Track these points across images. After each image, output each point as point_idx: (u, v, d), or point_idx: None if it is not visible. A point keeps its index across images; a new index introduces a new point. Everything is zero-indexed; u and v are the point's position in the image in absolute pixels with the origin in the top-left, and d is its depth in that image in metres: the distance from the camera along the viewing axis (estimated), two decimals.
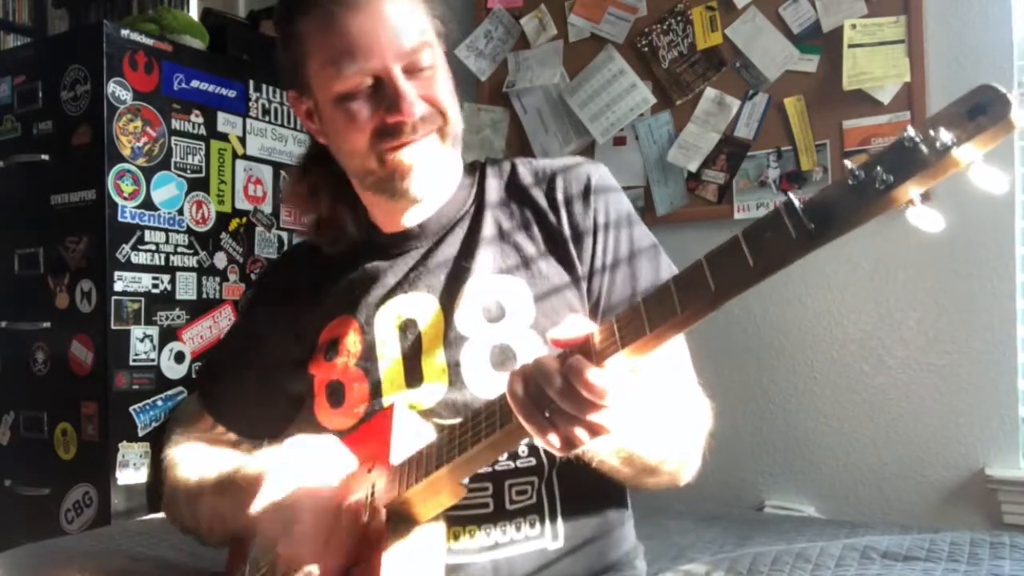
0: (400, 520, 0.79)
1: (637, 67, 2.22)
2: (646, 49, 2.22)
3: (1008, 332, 1.77)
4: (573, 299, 0.96)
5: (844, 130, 1.95)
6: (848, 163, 0.55)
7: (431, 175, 0.94)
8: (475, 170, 1.06)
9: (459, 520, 0.87)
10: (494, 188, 1.03)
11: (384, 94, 0.90)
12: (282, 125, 2.39)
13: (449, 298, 0.96)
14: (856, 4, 1.94)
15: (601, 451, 0.75)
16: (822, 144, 1.98)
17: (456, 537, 0.88)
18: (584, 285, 0.96)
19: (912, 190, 0.52)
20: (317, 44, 0.92)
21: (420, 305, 0.97)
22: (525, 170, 1.04)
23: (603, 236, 0.97)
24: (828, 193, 0.55)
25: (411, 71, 0.91)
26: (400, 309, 0.98)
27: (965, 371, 1.80)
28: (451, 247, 1.00)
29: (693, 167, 2.15)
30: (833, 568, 1.22)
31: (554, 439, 0.65)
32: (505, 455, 0.90)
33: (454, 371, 0.92)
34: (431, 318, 0.96)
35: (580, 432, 0.65)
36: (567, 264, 0.97)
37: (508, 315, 0.94)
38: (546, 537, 0.91)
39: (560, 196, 0.99)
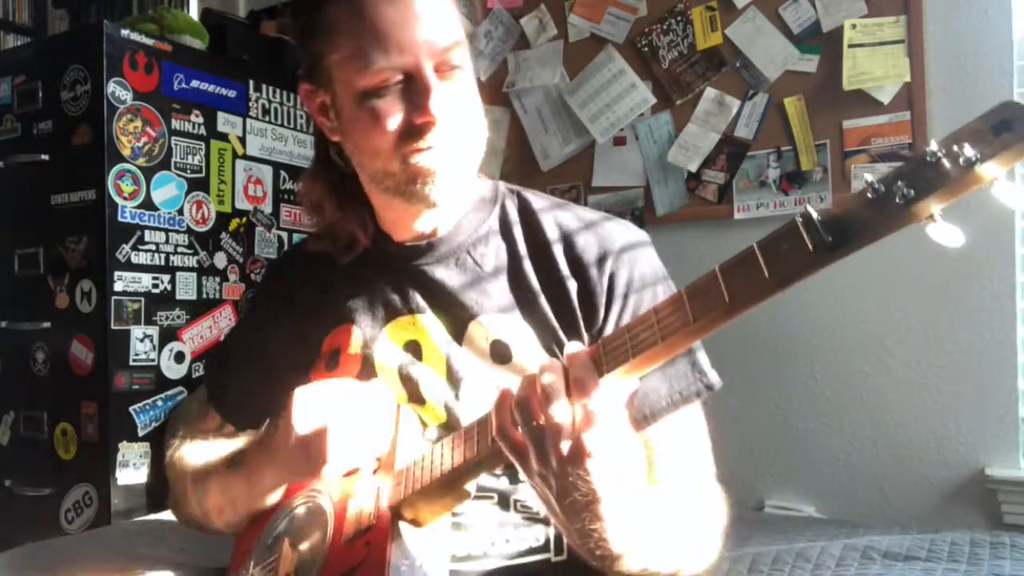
0: (404, 522, 0.79)
1: (637, 67, 2.22)
2: (646, 49, 2.22)
3: (1008, 332, 1.77)
4: None
5: (844, 130, 1.95)
6: (868, 176, 0.54)
7: (453, 181, 0.89)
8: (495, 195, 1.01)
9: (463, 527, 0.87)
10: (515, 229, 0.98)
11: (413, 92, 0.84)
12: (282, 125, 2.39)
13: (456, 329, 0.93)
14: (856, 4, 1.94)
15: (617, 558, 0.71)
16: (822, 144, 1.98)
17: (460, 544, 0.87)
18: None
19: (933, 205, 0.52)
20: (345, 34, 0.85)
21: (424, 331, 0.94)
22: (548, 220, 0.97)
23: (620, 303, 0.91)
24: (847, 206, 0.54)
25: (442, 70, 0.85)
26: (404, 331, 0.95)
27: (965, 371, 1.80)
28: (462, 277, 0.95)
29: (693, 167, 2.15)
30: (833, 568, 1.22)
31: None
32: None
33: (451, 407, 0.91)
34: (434, 348, 0.93)
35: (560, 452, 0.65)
36: (574, 327, 0.92)
37: (514, 359, 0.91)
38: (550, 549, 0.90)
39: (578, 257, 0.93)
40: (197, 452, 1.05)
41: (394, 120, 0.85)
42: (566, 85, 2.32)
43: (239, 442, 1.02)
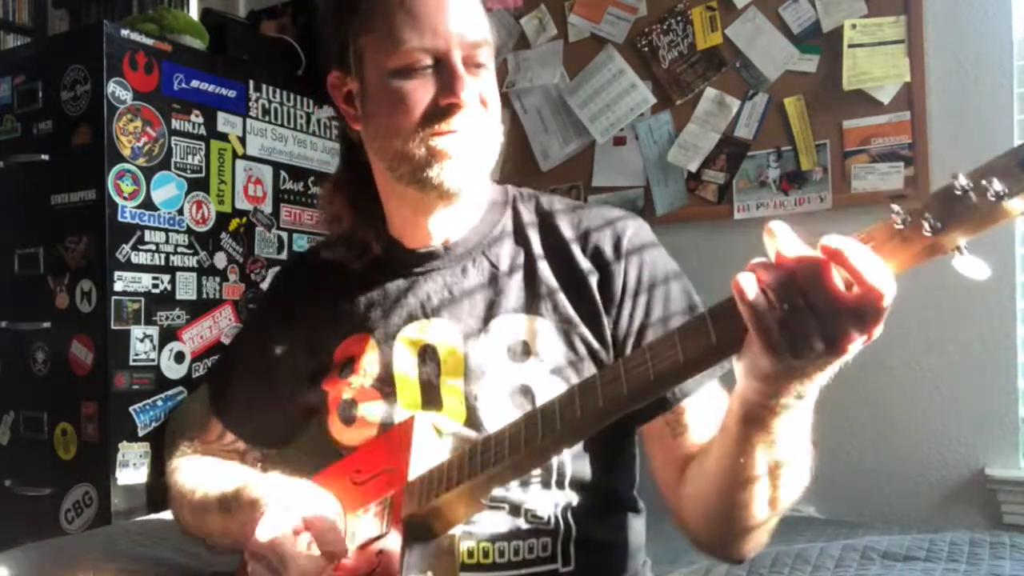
0: (416, 533, 0.79)
1: (637, 67, 2.22)
2: (646, 49, 2.22)
3: (1008, 332, 1.76)
4: (601, 353, 0.92)
5: (844, 130, 1.95)
6: (895, 207, 0.55)
7: (467, 170, 0.90)
8: (506, 197, 1.02)
9: (473, 538, 0.87)
10: (530, 231, 0.98)
11: (442, 76, 0.87)
12: (282, 125, 2.39)
13: (473, 331, 0.93)
14: (856, 4, 1.94)
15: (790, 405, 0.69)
16: (822, 144, 1.98)
17: (470, 554, 0.87)
18: (612, 348, 0.93)
19: (960, 238, 0.53)
20: (379, 17, 0.88)
21: (442, 333, 0.94)
22: (561, 214, 0.99)
23: (631, 300, 0.93)
24: (874, 236, 0.56)
25: (469, 64, 0.88)
26: (421, 334, 0.95)
27: (965, 371, 1.80)
28: (478, 277, 0.96)
29: (693, 167, 2.15)
30: (833, 569, 1.22)
31: (780, 341, 0.60)
32: (525, 475, 0.88)
33: (472, 406, 0.90)
34: (452, 348, 0.93)
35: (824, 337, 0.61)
36: (595, 322, 0.93)
37: (533, 356, 0.91)
38: (558, 560, 0.90)
39: (593, 252, 0.95)
40: (196, 476, 1.02)
41: (421, 101, 0.87)
42: (566, 85, 2.32)
43: (235, 473, 0.99)
